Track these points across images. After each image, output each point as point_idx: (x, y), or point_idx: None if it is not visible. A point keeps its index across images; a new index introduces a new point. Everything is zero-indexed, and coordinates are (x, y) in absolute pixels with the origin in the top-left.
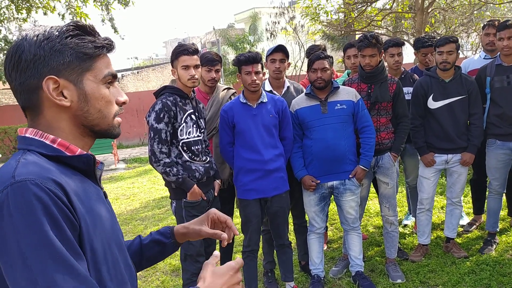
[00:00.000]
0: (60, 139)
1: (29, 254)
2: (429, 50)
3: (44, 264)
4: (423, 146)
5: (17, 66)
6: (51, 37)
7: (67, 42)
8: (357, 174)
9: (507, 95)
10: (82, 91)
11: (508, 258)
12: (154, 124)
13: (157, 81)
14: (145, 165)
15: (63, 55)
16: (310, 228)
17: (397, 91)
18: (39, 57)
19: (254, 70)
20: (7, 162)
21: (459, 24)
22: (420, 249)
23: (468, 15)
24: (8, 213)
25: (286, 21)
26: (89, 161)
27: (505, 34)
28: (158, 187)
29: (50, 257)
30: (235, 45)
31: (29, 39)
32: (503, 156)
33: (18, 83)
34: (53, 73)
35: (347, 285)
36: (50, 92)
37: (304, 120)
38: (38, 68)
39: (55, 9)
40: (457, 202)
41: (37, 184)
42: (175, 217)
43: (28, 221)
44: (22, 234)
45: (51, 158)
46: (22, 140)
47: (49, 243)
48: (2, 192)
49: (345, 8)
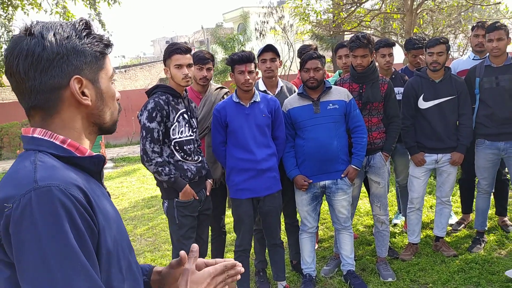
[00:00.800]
0: (70, 139)
1: (53, 262)
2: (419, 52)
3: (67, 274)
4: (413, 145)
5: (37, 65)
6: (71, 36)
7: (85, 41)
8: (349, 173)
9: (496, 96)
10: (99, 90)
11: (496, 257)
12: (146, 123)
13: (144, 80)
14: (134, 164)
15: (84, 55)
16: (302, 227)
17: (388, 91)
18: (62, 56)
19: (247, 69)
20: (19, 163)
21: (446, 25)
22: (410, 248)
23: (455, 16)
24: (31, 220)
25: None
26: (100, 162)
27: (494, 35)
28: (147, 187)
29: (73, 267)
30: (225, 44)
31: (47, 37)
32: (491, 156)
33: (38, 83)
34: (77, 73)
35: (338, 284)
36: (78, 91)
37: (296, 120)
38: (62, 67)
39: (42, 8)
40: (446, 201)
41: (62, 190)
42: (167, 217)
43: (53, 230)
44: (46, 242)
45: (61, 159)
46: (30, 140)
47: (73, 253)
48: (24, 196)
49: (334, 8)
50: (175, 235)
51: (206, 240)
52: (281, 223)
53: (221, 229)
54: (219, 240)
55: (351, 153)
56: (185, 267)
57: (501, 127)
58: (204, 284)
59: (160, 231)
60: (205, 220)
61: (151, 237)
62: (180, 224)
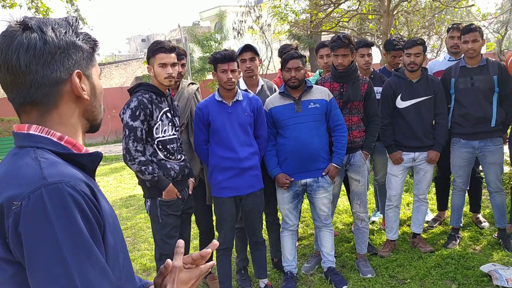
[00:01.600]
0: (67, 136)
1: (68, 255)
2: (399, 53)
3: (83, 267)
4: (391, 144)
5: (39, 58)
6: (68, 32)
7: (81, 37)
8: (329, 171)
9: (471, 96)
10: (92, 85)
11: (471, 252)
12: (129, 122)
13: (120, 78)
14: (110, 164)
15: (82, 50)
16: (283, 225)
17: (368, 90)
18: (63, 50)
19: (230, 68)
20: (17, 160)
21: (421, 27)
22: (388, 245)
23: (429, 18)
24: (44, 215)
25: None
26: (97, 159)
27: (470, 37)
28: (124, 186)
29: (89, 260)
30: (202, 43)
31: (47, 32)
32: (466, 155)
33: (39, 76)
34: (78, 67)
35: (319, 281)
36: (79, 86)
37: (278, 119)
38: (63, 61)
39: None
40: (423, 199)
41: (72, 186)
42: (150, 216)
43: (67, 223)
44: (61, 236)
45: (60, 155)
46: (26, 137)
47: (88, 247)
48: (33, 193)
49: (312, 8)
50: (158, 235)
51: (188, 239)
52: (262, 221)
53: (210, 230)
54: (209, 241)
55: (331, 152)
56: (174, 265)
57: (475, 127)
58: (189, 284)
59: (139, 231)
60: (187, 219)
61: (130, 236)
62: (164, 223)
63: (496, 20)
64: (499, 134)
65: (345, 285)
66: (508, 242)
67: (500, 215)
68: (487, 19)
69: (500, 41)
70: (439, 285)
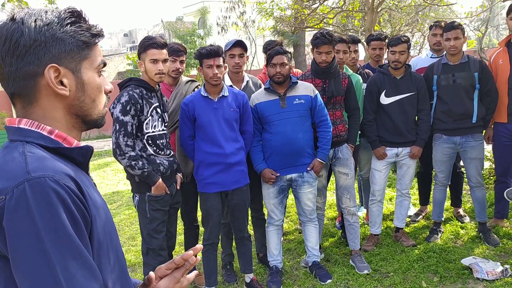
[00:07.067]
0: (57, 130)
1: (50, 249)
2: (378, 44)
3: (65, 260)
4: (375, 140)
5: (14, 51)
6: (52, 24)
7: (67, 29)
8: (314, 166)
9: (453, 93)
10: (80, 80)
11: (452, 246)
12: (120, 117)
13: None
14: (94, 160)
15: (64, 43)
16: (269, 220)
17: (349, 85)
18: (40, 43)
19: (215, 63)
20: (5, 154)
21: (404, 24)
22: (371, 239)
23: (413, 15)
24: (27, 209)
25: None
26: (88, 153)
27: (452, 34)
28: (108, 182)
29: (71, 254)
30: (185, 38)
31: (27, 24)
32: (448, 150)
33: (13, 69)
34: (54, 61)
35: (304, 275)
36: (52, 80)
37: (263, 115)
38: (39, 54)
39: None
40: (406, 194)
41: (56, 181)
42: (138, 211)
43: (49, 218)
44: (43, 230)
45: (50, 150)
46: (17, 131)
47: (70, 240)
48: (17, 187)
49: (297, 5)
50: (146, 229)
51: (174, 234)
52: (248, 217)
53: (193, 223)
54: (193, 234)
55: (316, 147)
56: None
57: (457, 123)
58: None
59: (123, 227)
60: (174, 213)
61: None
62: (152, 218)
63: (477, 18)
64: (480, 130)
65: (329, 279)
66: (488, 236)
67: (481, 209)
68: (468, 18)
69: (481, 39)
70: (422, 278)
